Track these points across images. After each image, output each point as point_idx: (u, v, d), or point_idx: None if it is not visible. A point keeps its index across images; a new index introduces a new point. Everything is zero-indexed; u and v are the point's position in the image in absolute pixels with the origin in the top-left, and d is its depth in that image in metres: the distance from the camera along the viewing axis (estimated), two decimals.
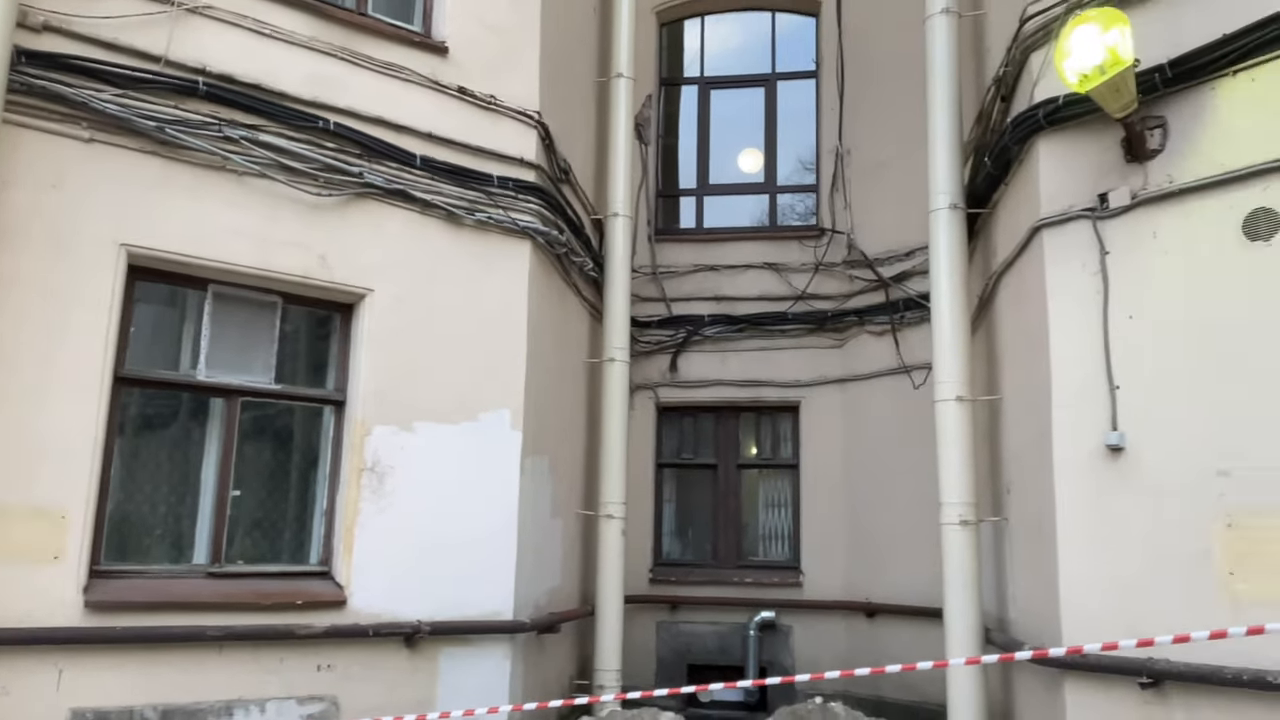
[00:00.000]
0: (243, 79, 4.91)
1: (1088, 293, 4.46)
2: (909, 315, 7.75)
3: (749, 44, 9.41)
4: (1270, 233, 3.94)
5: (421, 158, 5.50)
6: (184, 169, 4.71)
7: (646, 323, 8.46)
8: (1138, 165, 4.41)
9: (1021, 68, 5.05)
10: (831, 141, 8.64)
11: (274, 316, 5.12)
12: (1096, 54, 4.15)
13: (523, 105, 6.03)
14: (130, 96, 4.54)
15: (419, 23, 5.87)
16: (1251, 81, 4.07)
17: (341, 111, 5.23)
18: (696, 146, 9.26)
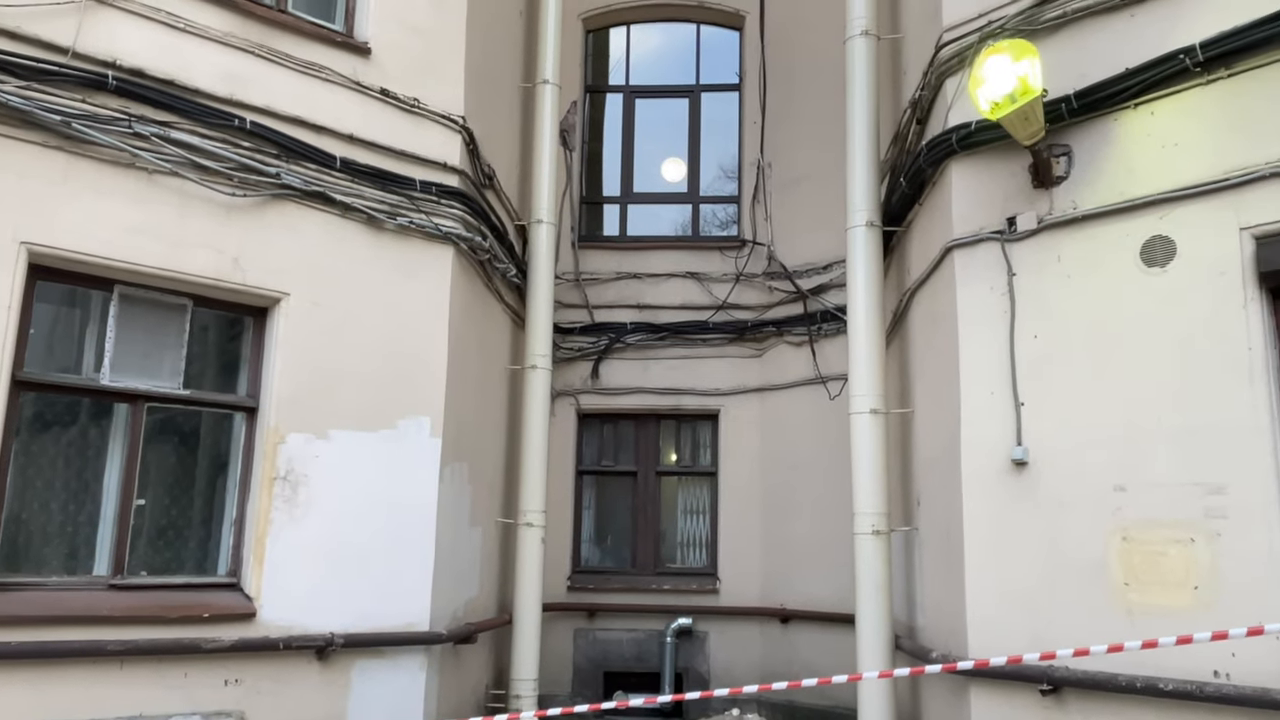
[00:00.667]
0: (155, 74, 4.75)
1: (996, 312, 4.63)
2: (826, 327, 7.91)
3: (674, 54, 9.49)
4: (1165, 260, 4.15)
5: (342, 160, 5.40)
6: (90, 165, 4.53)
7: (569, 329, 8.45)
8: (1044, 191, 4.59)
9: (936, 92, 5.21)
10: (753, 154, 8.77)
11: (183, 319, 4.96)
12: (1008, 83, 4.31)
13: (447, 109, 5.98)
14: (34, 89, 4.35)
15: (341, 22, 5.76)
16: (1151, 115, 4.28)
17: (259, 110, 5.10)
18: (621, 154, 9.29)
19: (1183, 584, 3.94)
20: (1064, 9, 4.60)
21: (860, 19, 6.00)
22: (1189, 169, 4.11)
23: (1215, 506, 3.90)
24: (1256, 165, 3.92)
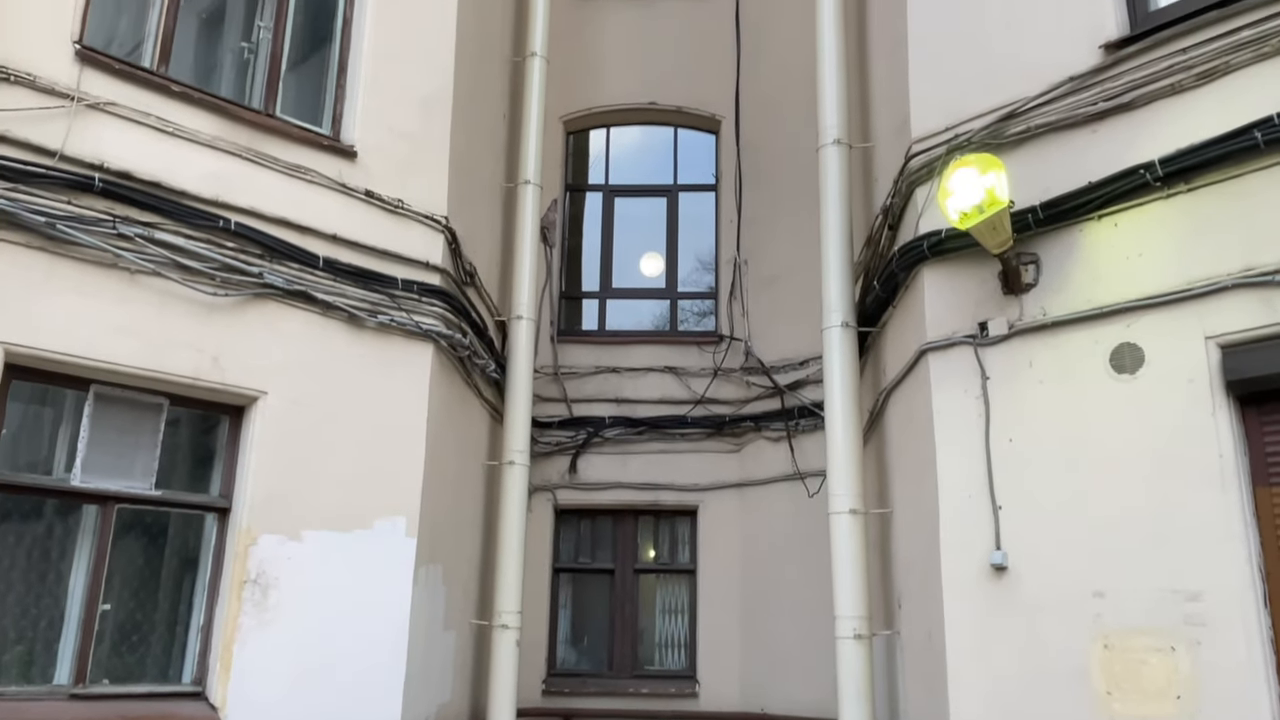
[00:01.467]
0: (142, 176, 4.82)
1: (970, 416, 4.68)
2: (804, 423, 7.95)
3: (652, 155, 9.73)
4: (1135, 367, 4.23)
5: (325, 259, 5.45)
6: (73, 266, 4.56)
7: (547, 423, 8.44)
8: (1014, 297, 4.70)
9: (907, 200, 5.37)
10: (730, 251, 8.93)
11: (159, 419, 4.92)
12: (975, 194, 4.45)
13: (430, 209, 6.08)
14: (20, 191, 4.40)
15: (328, 126, 5.88)
16: (1115, 226, 4.42)
17: (244, 211, 5.17)
18: (600, 250, 9.43)
19: (1165, 693, 3.92)
20: (1027, 124, 4.79)
21: (832, 128, 6.20)
22: (1154, 279, 4.24)
23: (1194, 614, 3.90)
24: (1218, 276, 4.05)
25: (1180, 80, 4.29)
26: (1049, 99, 4.74)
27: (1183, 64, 4.29)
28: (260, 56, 5.78)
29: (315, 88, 6.03)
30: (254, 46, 5.79)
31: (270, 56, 5.75)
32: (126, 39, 5.31)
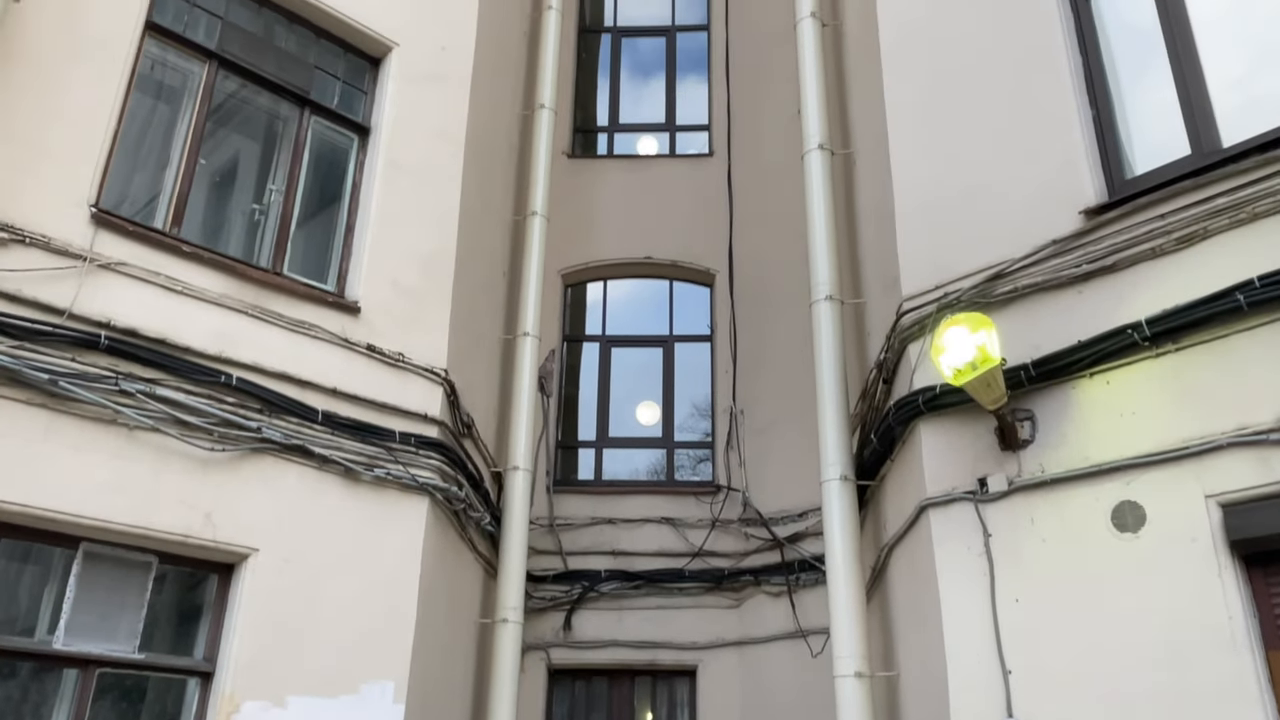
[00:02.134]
0: (147, 333, 4.89)
1: (975, 574, 4.61)
2: (805, 577, 7.80)
3: (648, 306, 9.93)
4: (1137, 526, 4.20)
5: (324, 413, 5.47)
6: (72, 422, 4.57)
7: (541, 577, 8.26)
8: (1012, 453, 4.72)
9: (900, 355, 5.45)
10: (726, 401, 8.99)
11: (146, 578, 4.82)
12: (968, 351, 4.53)
13: (430, 362, 6.15)
14: (27, 348, 4.46)
15: (333, 283, 6.02)
16: (1107, 384, 4.48)
17: (246, 367, 5.22)
18: (597, 399, 9.49)
19: None
20: (1014, 285, 4.93)
21: (824, 285, 6.37)
22: (1149, 437, 4.26)
23: None
24: (1214, 435, 4.08)
25: (1161, 244, 4.45)
26: (1034, 260, 4.89)
27: (1162, 229, 4.46)
28: (270, 217, 5.98)
29: (322, 245, 6.21)
30: (265, 208, 6.00)
31: (280, 217, 5.95)
32: (142, 197, 5.50)
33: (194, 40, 5.75)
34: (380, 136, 6.41)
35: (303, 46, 6.33)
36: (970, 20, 5.68)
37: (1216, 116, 4.65)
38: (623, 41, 10.98)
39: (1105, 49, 5.22)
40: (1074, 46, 5.26)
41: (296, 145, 6.15)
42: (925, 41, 5.87)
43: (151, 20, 5.50)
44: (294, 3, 6.21)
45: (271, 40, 6.17)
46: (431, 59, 6.82)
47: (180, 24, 5.73)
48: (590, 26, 11.05)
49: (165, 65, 5.71)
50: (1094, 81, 5.15)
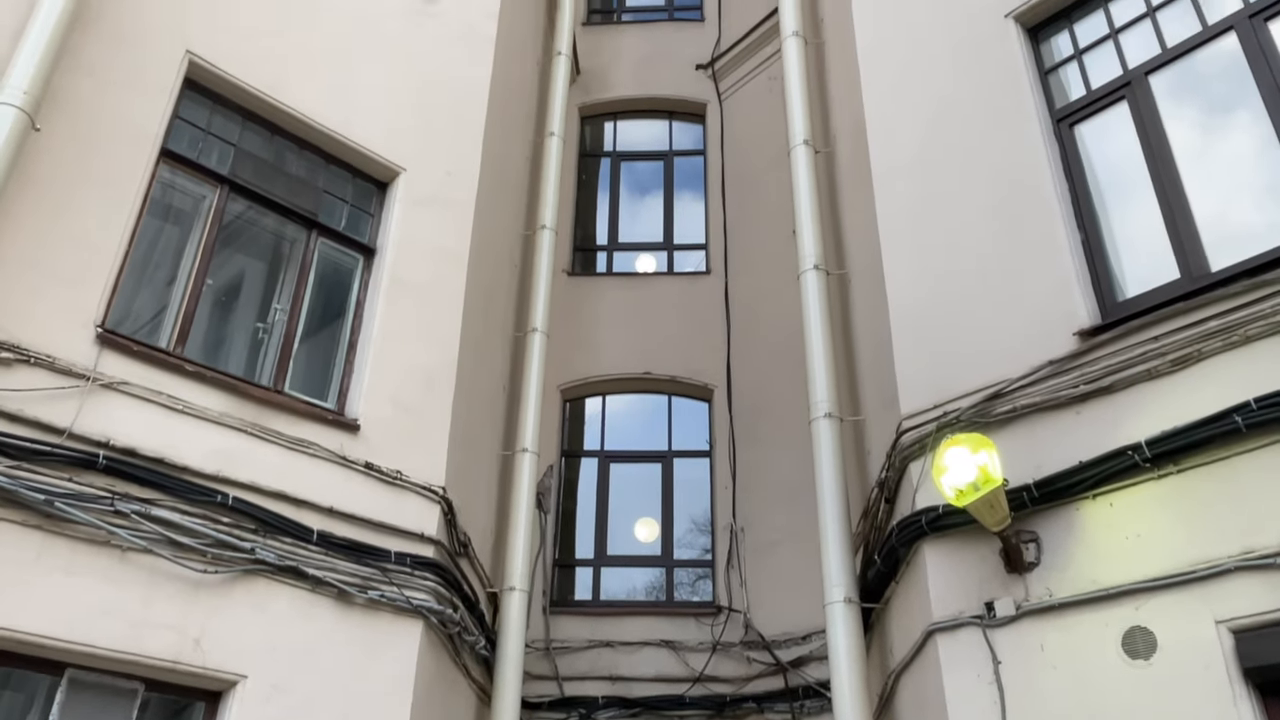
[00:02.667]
0: (146, 453, 4.87)
1: (986, 703, 4.48)
2: (810, 704, 7.57)
3: (647, 421, 9.94)
4: (1148, 652, 4.11)
5: (319, 533, 5.40)
6: (65, 544, 4.50)
7: (536, 704, 8.01)
8: (1018, 576, 4.65)
9: (902, 474, 5.43)
10: (726, 518, 8.90)
11: (132, 706, 4.66)
12: (969, 472, 4.52)
13: (428, 480, 6.10)
14: (24, 469, 4.43)
15: (333, 400, 6.04)
16: (1110, 506, 4.46)
17: (243, 486, 5.18)
18: (595, 516, 9.39)
19: None
20: (1013, 405, 4.95)
21: (822, 403, 6.40)
22: (1156, 560, 4.21)
23: None
24: (1220, 559, 4.03)
25: (1156, 366, 4.49)
26: (1031, 381, 4.93)
27: (1156, 351, 4.51)
28: (274, 335, 6.04)
29: (324, 362, 6.25)
30: (269, 326, 6.07)
31: (284, 335, 6.01)
32: (148, 315, 5.57)
33: (207, 166, 5.92)
34: (385, 257, 6.53)
35: (312, 171, 6.52)
36: (958, 147, 5.88)
37: (1203, 241, 4.77)
38: (622, 165, 11.33)
39: (1090, 175, 5.40)
40: (1059, 173, 5.43)
41: (303, 266, 6.27)
42: (915, 166, 6.07)
43: (166, 148, 5.68)
44: (306, 130, 6.42)
45: (282, 165, 6.36)
46: (437, 183, 7.02)
47: (194, 151, 5.92)
48: (590, 151, 11.43)
49: (177, 189, 5.87)
50: (1081, 206, 5.30)
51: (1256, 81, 4.85)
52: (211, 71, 5.97)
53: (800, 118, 7.66)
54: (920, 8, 6.47)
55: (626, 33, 12.04)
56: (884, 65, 6.55)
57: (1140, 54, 5.38)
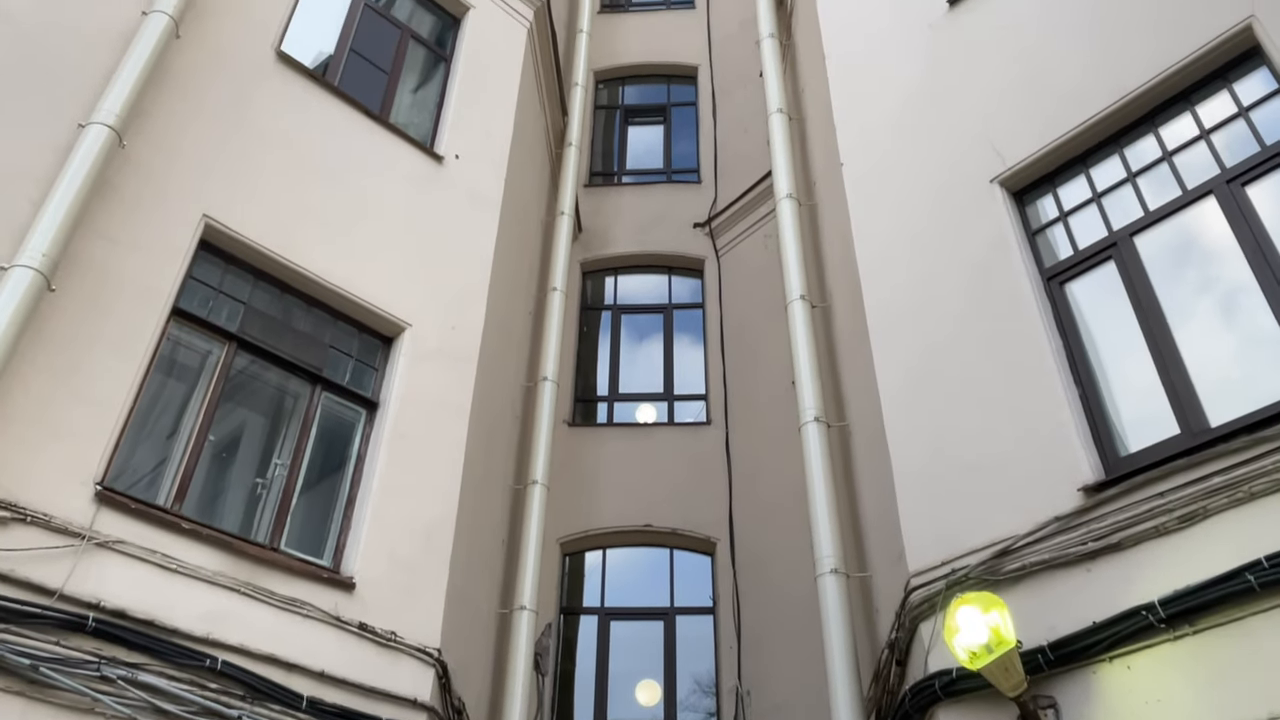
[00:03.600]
0: (136, 615, 4.76)
1: None
2: None
3: (648, 575, 9.75)
4: None
5: (309, 699, 5.20)
6: (47, 711, 4.35)
7: None
8: None
9: (912, 635, 5.28)
10: (731, 679, 8.60)
11: None
12: (981, 633, 4.39)
13: (423, 642, 5.93)
14: (11, 631, 4.32)
15: (329, 557, 5.94)
16: (1128, 669, 4.32)
17: (233, 649, 5.03)
18: (595, 678, 9.08)
19: None
20: (1022, 562, 4.87)
21: (828, 559, 6.30)
22: None
23: None
24: None
25: (1163, 523, 4.44)
26: (1039, 537, 4.86)
27: (1162, 507, 4.47)
28: (273, 491, 6.00)
29: (321, 519, 6.18)
30: (268, 482, 6.03)
31: (282, 492, 5.97)
32: (148, 470, 5.55)
33: (216, 324, 6.04)
34: (388, 410, 6.57)
35: (320, 327, 6.64)
36: (952, 304, 6.01)
37: (1200, 395, 4.81)
38: (623, 317, 11.56)
39: (1084, 331, 5.49)
40: (1053, 329, 5.52)
41: (305, 421, 6.29)
42: (910, 322, 6.18)
43: (178, 306, 5.81)
44: (315, 288, 6.58)
45: (290, 321, 6.48)
46: (442, 338, 7.14)
47: (205, 309, 6.05)
48: (591, 304, 11.69)
49: (186, 346, 5.96)
50: (1076, 361, 5.37)
51: (1239, 242, 5.00)
52: (226, 233, 6.17)
53: (796, 274, 7.87)
54: (909, 173, 6.74)
55: (626, 194, 12.52)
56: (876, 226, 6.78)
57: (1124, 216, 5.58)
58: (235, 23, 6.89)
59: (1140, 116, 5.69)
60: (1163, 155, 5.55)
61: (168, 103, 6.18)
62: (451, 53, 8.81)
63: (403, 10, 8.73)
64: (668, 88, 13.81)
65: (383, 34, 8.31)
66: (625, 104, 13.77)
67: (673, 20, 14.24)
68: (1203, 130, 5.43)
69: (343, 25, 8.00)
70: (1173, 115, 5.59)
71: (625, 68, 13.87)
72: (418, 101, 8.41)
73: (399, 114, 8.02)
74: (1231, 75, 5.43)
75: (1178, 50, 5.50)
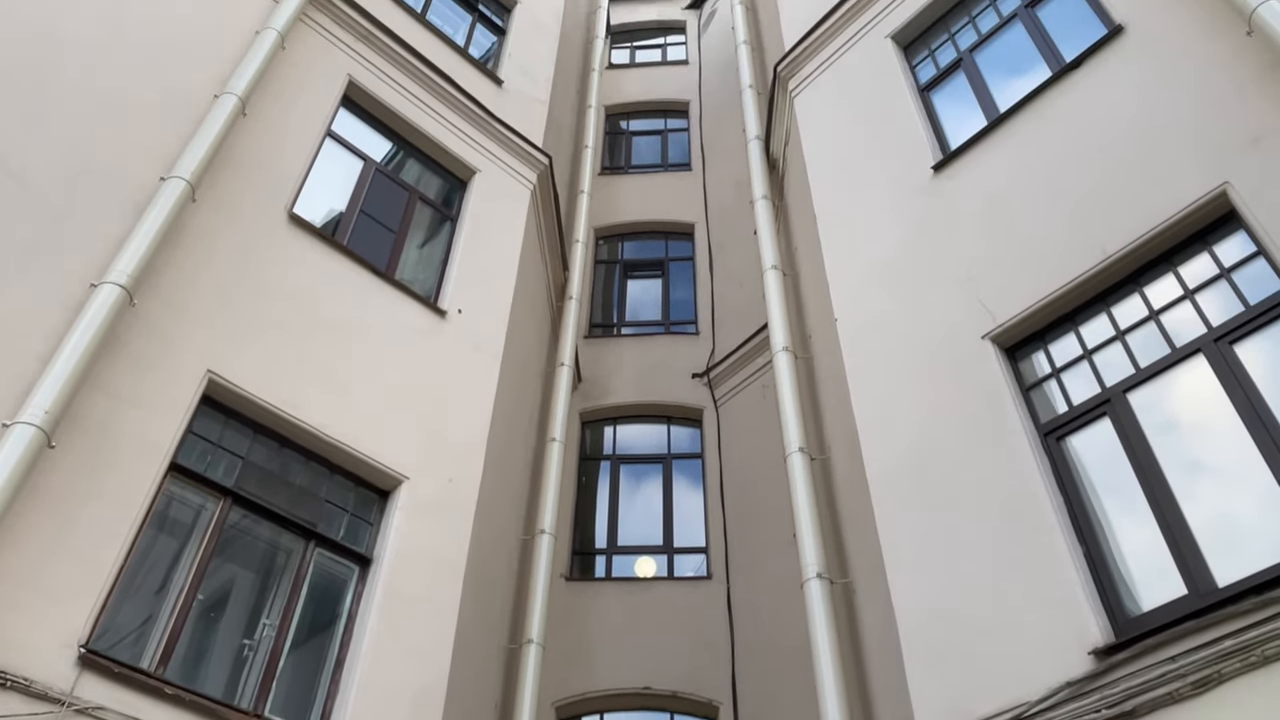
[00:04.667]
0: None
1: None
2: None
3: None
4: None
5: None
6: None
7: None
8: None
9: None
10: None
11: None
12: None
13: None
14: None
15: None
16: None
17: None
18: None
19: None
20: None
21: None
22: None
23: None
24: None
25: (1177, 689, 4.31)
26: (1051, 704, 4.70)
27: (1175, 673, 4.35)
28: (260, 653, 5.83)
29: (309, 682, 5.98)
30: (255, 644, 5.87)
31: (270, 653, 5.81)
32: (134, 630, 5.40)
33: (213, 479, 6.01)
34: (381, 566, 6.46)
35: (316, 481, 6.61)
36: (950, 459, 6.01)
37: (1204, 554, 4.74)
38: (622, 467, 11.52)
39: (1085, 487, 5.47)
40: (1053, 486, 5.50)
41: (296, 578, 6.18)
42: (910, 477, 6.16)
43: (176, 461, 5.80)
44: (314, 442, 6.59)
45: (287, 476, 6.46)
46: (439, 490, 7.09)
47: (203, 464, 6.04)
48: (590, 454, 11.67)
49: (180, 501, 5.92)
50: (1078, 518, 5.32)
51: (1231, 400, 5.05)
52: (229, 388, 6.24)
53: (794, 427, 7.88)
54: (902, 328, 6.88)
55: (626, 345, 12.71)
56: (872, 380, 6.86)
57: (1116, 373, 5.65)
58: (251, 185, 7.18)
59: (1124, 277, 5.85)
60: (1149, 314, 5.67)
61: (180, 261, 6.36)
62: (457, 212, 9.14)
63: (412, 173, 9.11)
64: (665, 243, 14.25)
65: (392, 195, 8.64)
66: (625, 258, 14.17)
67: (670, 181, 14.83)
68: (1186, 290, 5.57)
69: (354, 187, 8.33)
70: (1156, 275, 5.75)
71: (625, 225, 14.35)
72: (423, 258, 8.66)
73: (405, 270, 8.24)
74: (1211, 238, 5.61)
75: (1156, 214, 5.70)
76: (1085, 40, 6.97)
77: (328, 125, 8.23)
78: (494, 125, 9.79)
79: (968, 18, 8.39)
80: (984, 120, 7.44)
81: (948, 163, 7.33)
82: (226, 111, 6.96)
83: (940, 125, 7.92)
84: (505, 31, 11.59)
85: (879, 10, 9.09)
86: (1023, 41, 7.65)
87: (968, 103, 7.82)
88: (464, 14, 11.21)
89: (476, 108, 9.68)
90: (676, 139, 15.86)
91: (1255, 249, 5.36)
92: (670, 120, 16.31)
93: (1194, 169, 5.65)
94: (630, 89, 16.84)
